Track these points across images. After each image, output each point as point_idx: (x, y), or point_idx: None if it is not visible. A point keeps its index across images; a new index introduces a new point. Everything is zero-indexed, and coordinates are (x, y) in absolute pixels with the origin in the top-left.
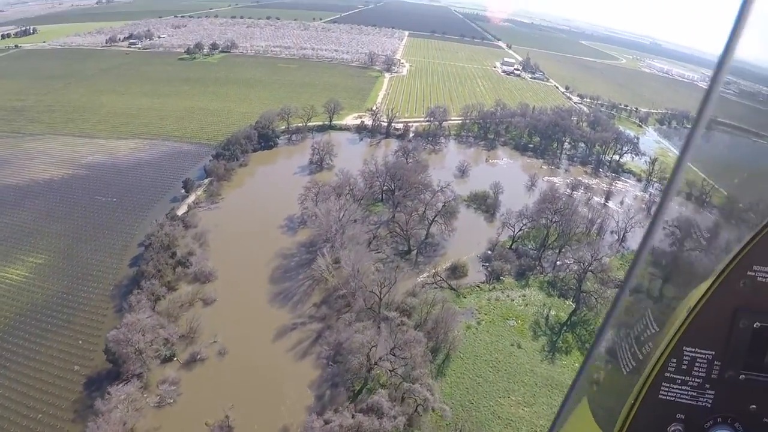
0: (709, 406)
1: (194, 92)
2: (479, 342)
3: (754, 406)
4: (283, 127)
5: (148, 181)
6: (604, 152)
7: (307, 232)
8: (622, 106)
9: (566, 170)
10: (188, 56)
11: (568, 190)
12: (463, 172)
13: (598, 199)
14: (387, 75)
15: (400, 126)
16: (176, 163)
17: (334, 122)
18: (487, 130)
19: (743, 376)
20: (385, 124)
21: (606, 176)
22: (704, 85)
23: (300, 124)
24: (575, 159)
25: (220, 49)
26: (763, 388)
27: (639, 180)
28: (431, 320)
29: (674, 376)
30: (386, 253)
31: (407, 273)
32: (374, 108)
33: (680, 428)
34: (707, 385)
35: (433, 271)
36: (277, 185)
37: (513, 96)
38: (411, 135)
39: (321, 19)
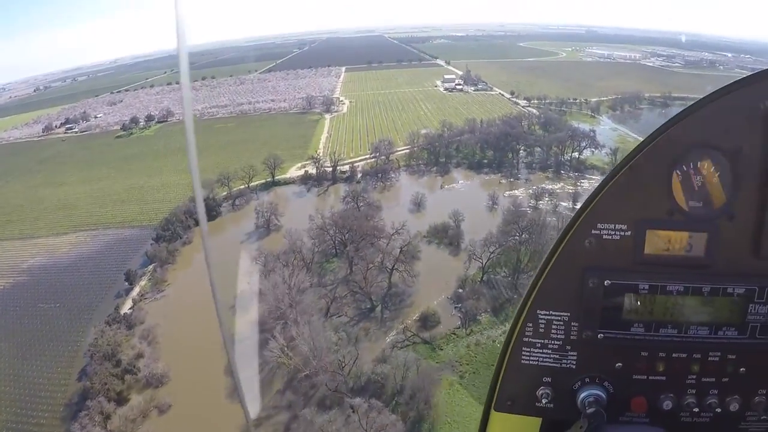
0: (574, 367)
1: (133, 169)
2: (466, 400)
3: (619, 363)
4: (225, 194)
5: (91, 278)
6: (562, 152)
7: (260, 309)
8: (572, 101)
9: (527, 180)
10: (125, 133)
11: (532, 202)
12: (418, 205)
13: (566, 204)
14: (327, 116)
15: (347, 168)
16: (118, 253)
17: (277, 177)
18: (437, 155)
19: (601, 335)
20: (330, 169)
21: (569, 177)
22: (649, 63)
23: (242, 187)
24: (534, 166)
25: (156, 120)
26: (624, 346)
27: (604, 173)
28: (408, 388)
29: (533, 340)
30: (348, 315)
31: (374, 334)
32: (317, 154)
33: (548, 391)
34: (568, 347)
35: (402, 326)
36: (224, 259)
37: (459, 113)
38: (359, 176)
39: (256, 71)
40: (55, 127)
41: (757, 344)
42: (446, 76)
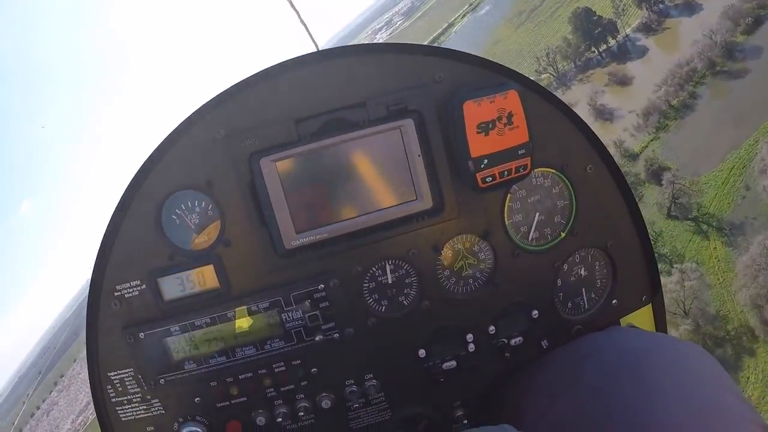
0: (164, 412)
1: None
2: None
3: (198, 398)
4: None
5: None
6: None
7: None
8: None
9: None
10: None
11: None
12: None
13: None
14: None
15: None
16: None
17: None
18: None
19: (163, 380)
20: None
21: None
22: None
23: None
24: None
25: None
26: (192, 382)
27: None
28: None
29: (119, 399)
30: None
31: None
32: None
33: None
34: (148, 396)
35: None
36: None
37: None
38: None
39: None
40: None
41: (308, 345)
42: None
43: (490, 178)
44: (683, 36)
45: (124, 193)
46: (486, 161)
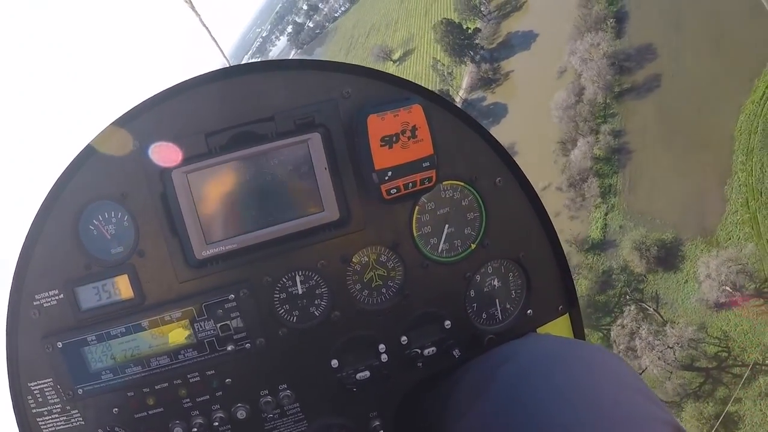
0: (84, 423)
1: None
2: None
3: (116, 408)
4: None
5: None
6: None
7: None
8: None
9: None
10: None
11: None
12: None
13: None
14: None
15: None
16: None
17: None
18: None
19: (80, 390)
20: None
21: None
22: None
23: None
24: None
25: None
26: (110, 392)
27: None
28: None
29: (40, 410)
30: None
31: None
32: None
33: None
34: (68, 407)
35: None
36: None
37: None
38: None
39: None
40: None
41: (220, 355)
42: None
43: (395, 190)
44: (538, 71)
45: (42, 204)
46: (390, 173)
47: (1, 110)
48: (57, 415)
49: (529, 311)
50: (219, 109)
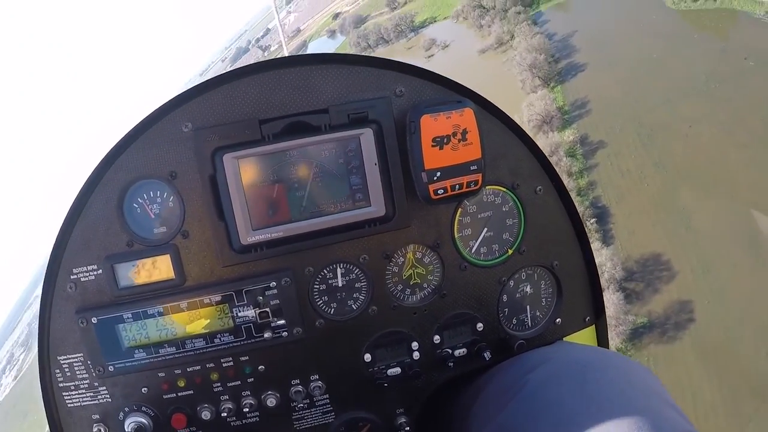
0: (110, 400)
1: None
2: None
3: (145, 388)
4: None
5: None
6: None
7: None
8: None
9: None
10: None
11: None
12: None
13: None
14: None
15: None
16: None
17: None
18: None
19: (111, 367)
20: None
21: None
22: None
23: None
24: None
25: None
26: (141, 371)
27: None
28: None
29: (67, 384)
30: None
31: None
32: None
33: (101, 428)
34: (96, 383)
35: None
36: None
37: None
38: None
39: None
40: None
41: (257, 342)
42: None
43: (442, 191)
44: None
45: (88, 178)
46: (439, 174)
47: (1, 110)
48: (84, 391)
49: (557, 320)
50: (273, 98)
